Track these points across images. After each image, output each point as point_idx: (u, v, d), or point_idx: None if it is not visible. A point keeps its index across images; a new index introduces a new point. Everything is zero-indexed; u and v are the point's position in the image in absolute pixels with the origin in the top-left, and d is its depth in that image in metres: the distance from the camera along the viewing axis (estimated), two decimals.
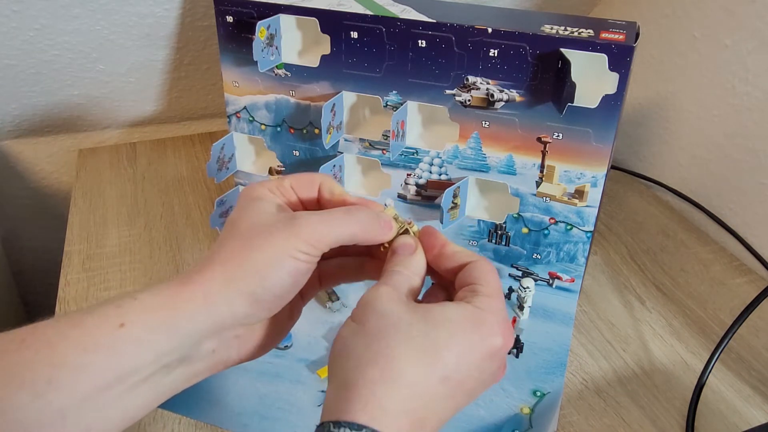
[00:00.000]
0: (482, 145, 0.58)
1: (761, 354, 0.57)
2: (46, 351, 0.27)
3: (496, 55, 0.54)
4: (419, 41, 0.55)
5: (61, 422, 0.27)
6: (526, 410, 0.51)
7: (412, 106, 0.60)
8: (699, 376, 0.53)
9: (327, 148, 0.61)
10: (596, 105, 0.52)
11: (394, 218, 0.36)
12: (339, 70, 0.59)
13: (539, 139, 0.56)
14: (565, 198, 0.57)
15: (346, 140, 0.63)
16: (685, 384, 0.54)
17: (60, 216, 0.91)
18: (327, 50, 0.59)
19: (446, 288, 0.37)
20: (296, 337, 0.56)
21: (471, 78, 0.55)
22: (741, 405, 0.52)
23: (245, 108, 0.65)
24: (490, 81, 0.55)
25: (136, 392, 0.29)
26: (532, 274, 0.62)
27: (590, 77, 0.52)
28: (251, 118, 0.65)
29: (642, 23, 0.54)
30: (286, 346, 0.55)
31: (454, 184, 0.59)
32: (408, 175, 0.62)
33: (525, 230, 0.60)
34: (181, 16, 0.67)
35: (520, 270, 0.62)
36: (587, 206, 0.57)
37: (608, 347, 0.57)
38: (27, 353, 0.27)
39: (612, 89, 0.51)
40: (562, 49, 0.51)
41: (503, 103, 0.55)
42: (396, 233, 0.36)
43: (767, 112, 0.65)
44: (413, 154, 0.61)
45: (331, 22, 0.57)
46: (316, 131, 0.63)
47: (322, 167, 0.60)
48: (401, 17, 0.55)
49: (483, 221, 0.61)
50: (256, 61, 0.57)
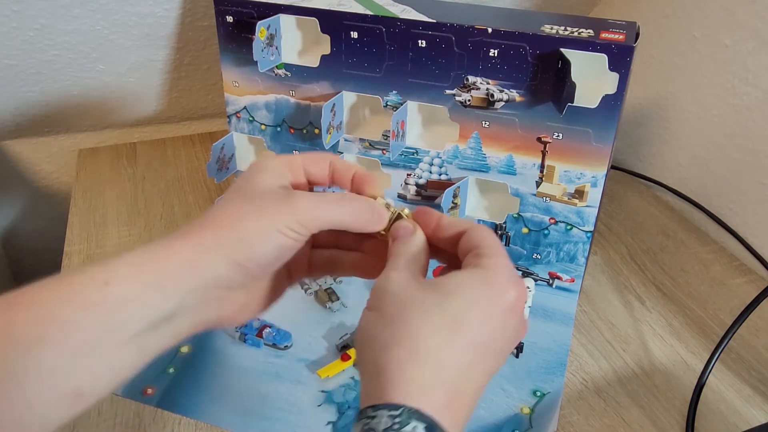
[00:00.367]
0: (482, 145, 0.58)
1: (761, 354, 0.57)
2: (37, 309, 0.28)
3: (496, 55, 0.54)
4: (419, 41, 0.55)
5: (51, 379, 0.28)
6: (526, 410, 0.51)
7: (412, 106, 0.60)
8: (699, 376, 0.53)
9: (327, 148, 0.61)
10: (596, 105, 0.52)
11: (386, 206, 0.37)
12: (339, 70, 0.59)
13: (539, 139, 0.56)
14: (565, 198, 0.57)
15: (346, 140, 0.63)
16: (685, 384, 0.54)
17: (60, 216, 0.91)
18: (327, 50, 0.59)
19: (454, 266, 0.37)
20: (296, 337, 0.56)
21: (471, 78, 0.55)
22: (741, 405, 0.52)
23: (245, 108, 0.65)
24: (490, 81, 0.55)
25: (124, 350, 0.30)
26: (532, 274, 0.62)
27: (590, 77, 0.52)
28: (251, 118, 0.65)
29: (642, 23, 0.54)
30: (286, 346, 0.55)
31: (454, 184, 0.59)
32: (408, 175, 0.62)
33: (525, 230, 0.60)
34: (181, 16, 0.67)
35: (520, 270, 0.62)
36: (587, 206, 0.57)
37: (608, 347, 0.57)
38: (20, 313, 0.28)
39: (612, 89, 0.51)
40: (562, 49, 0.51)
41: (503, 103, 0.55)
42: (390, 221, 0.37)
43: (767, 112, 0.65)
44: (413, 154, 0.61)
45: (331, 22, 0.57)
46: (316, 131, 0.63)
47: None
48: (401, 17, 0.55)
49: (483, 221, 0.61)
50: (256, 61, 0.57)
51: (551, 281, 0.61)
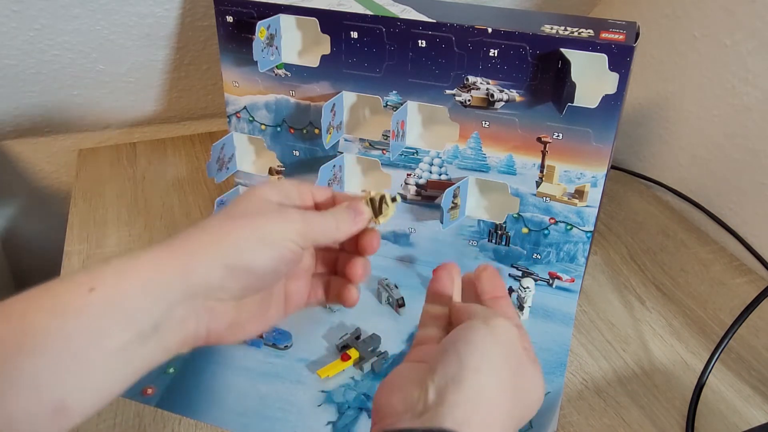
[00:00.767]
0: (482, 145, 0.58)
1: (761, 354, 0.57)
2: (18, 319, 0.27)
3: (496, 55, 0.54)
4: (419, 41, 0.55)
5: (34, 392, 0.26)
6: None
7: (412, 106, 0.60)
8: (699, 376, 0.53)
9: (327, 148, 0.61)
10: (596, 105, 0.52)
11: (370, 200, 0.38)
12: (339, 70, 0.59)
13: (539, 139, 0.56)
14: (565, 198, 0.57)
15: (346, 140, 0.63)
16: (685, 384, 0.54)
17: (60, 216, 0.91)
18: (327, 50, 0.59)
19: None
20: (296, 337, 0.56)
21: (471, 78, 0.55)
22: (741, 405, 0.52)
23: (245, 108, 0.65)
24: (490, 81, 0.55)
25: (111, 362, 0.29)
26: (532, 274, 0.62)
27: (590, 77, 0.52)
28: (251, 118, 0.65)
29: (642, 23, 0.54)
30: (286, 346, 0.55)
31: (454, 184, 0.59)
32: (408, 175, 0.62)
33: (525, 230, 0.60)
34: (181, 16, 0.67)
35: (520, 270, 0.62)
36: (587, 206, 0.57)
37: (608, 347, 0.57)
38: (0, 326, 0.27)
39: (612, 89, 0.51)
40: (562, 49, 0.51)
41: (503, 103, 0.55)
42: (374, 209, 0.38)
43: (767, 112, 0.65)
44: (413, 154, 0.61)
45: (331, 22, 0.57)
46: (316, 131, 0.63)
47: (322, 167, 0.60)
48: (401, 17, 0.55)
49: (483, 221, 0.61)
50: (256, 61, 0.57)
51: (551, 281, 0.61)
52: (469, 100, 0.56)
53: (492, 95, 0.55)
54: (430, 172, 0.61)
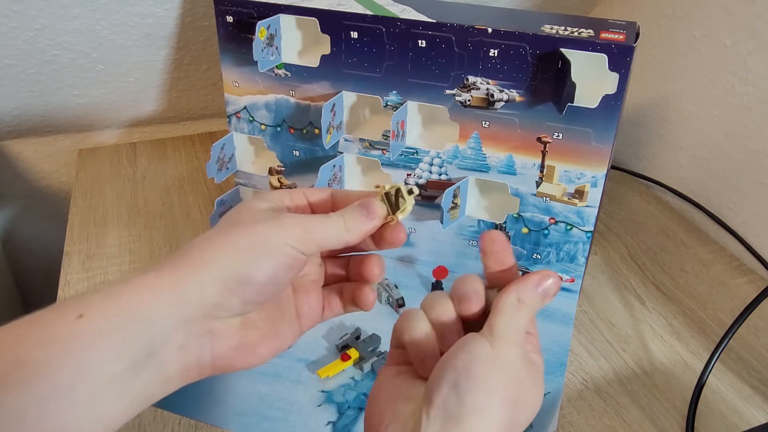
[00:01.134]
0: (482, 145, 0.58)
1: (761, 354, 0.57)
2: (6, 352, 0.26)
3: (496, 55, 0.54)
4: (419, 41, 0.55)
5: (19, 425, 0.25)
6: None
7: (412, 106, 0.60)
8: (699, 376, 0.53)
9: (327, 148, 0.61)
10: (596, 105, 0.52)
11: (384, 195, 0.35)
12: (339, 70, 0.59)
13: (539, 139, 0.56)
14: (565, 198, 0.57)
15: (346, 140, 0.63)
16: (685, 384, 0.54)
17: (60, 216, 0.91)
18: (327, 50, 0.59)
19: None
20: None
21: (471, 78, 0.55)
22: (741, 405, 0.52)
23: (245, 108, 0.65)
24: (490, 81, 0.55)
25: (104, 395, 0.27)
26: None
27: (590, 77, 0.52)
28: (251, 118, 0.65)
29: (642, 23, 0.54)
30: None
31: (454, 184, 0.59)
32: (408, 175, 0.62)
33: (525, 230, 0.60)
34: (181, 16, 0.67)
35: (520, 270, 0.62)
36: (587, 206, 0.57)
37: (608, 347, 0.57)
38: None
39: (612, 89, 0.51)
40: (562, 49, 0.51)
41: (503, 103, 0.55)
42: (388, 206, 0.35)
43: (767, 112, 0.65)
44: (413, 154, 0.61)
45: (331, 22, 0.57)
46: (316, 131, 0.63)
47: (322, 167, 0.60)
48: (401, 17, 0.55)
49: (483, 221, 0.61)
50: (256, 61, 0.57)
51: None
52: (469, 100, 0.56)
53: (492, 95, 0.55)
54: (430, 172, 0.61)
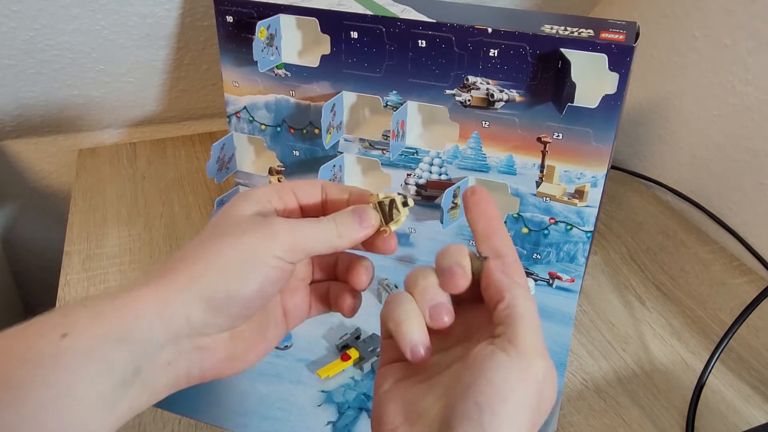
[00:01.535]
0: (482, 145, 0.58)
1: (761, 354, 0.57)
2: None
3: (496, 55, 0.54)
4: (419, 41, 0.55)
5: None
6: None
7: (412, 106, 0.60)
8: (699, 376, 0.53)
9: (327, 148, 0.61)
10: (596, 105, 0.52)
11: (378, 204, 0.33)
12: (339, 70, 0.59)
13: (539, 139, 0.56)
14: (565, 198, 0.57)
15: (346, 140, 0.63)
16: (685, 384, 0.54)
17: (60, 216, 0.91)
18: (327, 50, 0.59)
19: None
20: (296, 337, 0.56)
21: (471, 78, 0.55)
22: (741, 405, 0.52)
23: (245, 108, 0.65)
24: (490, 81, 0.55)
25: (91, 413, 0.26)
26: (532, 274, 0.62)
27: (590, 77, 0.52)
28: (251, 118, 0.65)
29: (642, 23, 0.54)
30: (286, 346, 0.55)
31: (454, 184, 0.59)
32: (408, 175, 0.62)
33: (525, 230, 0.60)
34: (181, 16, 0.67)
35: None
36: (587, 206, 0.57)
37: (608, 347, 0.57)
38: None
39: (612, 89, 0.51)
40: (562, 49, 0.51)
41: (503, 103, 0.55)
42: (382, 214, 0.33)
43: (767, 112, 0.65)
44: (413, 154, 0.61)
45: (331, 22, 0.57)
46: (316, 131, 0.63)
47: (322, 167, 0.60)
48: (401, 17, 0.55)
49: None
50: (256, 61, 0.57)
51: (551, 281, 0.61)
52: (469, 100, 0.56)
53: (492, 95, 0.55)
54: (430, 172, 0.61)
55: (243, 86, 0.64)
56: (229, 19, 0.60)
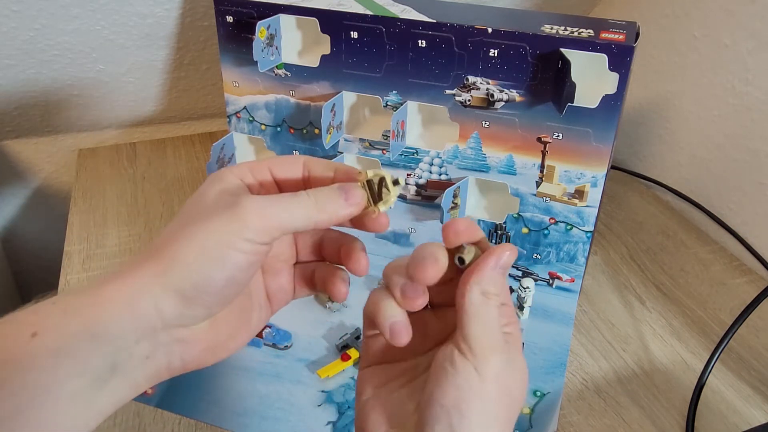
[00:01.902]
0: (482, 145, 0.58)
1: (761, 354, 0.57)
2: None
3: (496, 55, 0.54)
4: (419, 41, 0.55)
5: None
6: (526, 410, 0.51)
7: (412, 106, 0.60)
8: (699, 376, 0.53)
9: (327, 148, 0.61)
10: (596, 105, 0.52)
11: (366, 183, 0.31)
12: (339, 70, 0.59)
13: (539, 139, 0.56)
14: (565, 198, 0.57)
15: (346, 140, 0.63)
16: (685, 384, 0.54)
17: (60, 216, 0.91)
18: (327, 50, 0.59)
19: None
20: (296, 337, 0.56)
21: (471, 78, 0.55)
22: (741, 405, 0.52)
23: (245, 108, 0.65)
24: (490, 81, 0.55)
25: (67, 412, 0.26)
26: (532, 274, 0.62)
27: (590, 77, 0.52)
28: (251, 118, 0.65)
29: (642, 23, 0.54)
30: (286, 346, 0.55)
31: (454, 184, 0.59)
32: (408, 175, 0.62)
33: (525, 230, 0.60)
34: (181, 16, 0.67)
35: (520, 270, 0.62)
36: (587, 206, 0.57)
37: (608, 347, 0.57)
38: None
39: (612, 89, 0.51)
40: (562, 49, 0.51)
41: (503, 103, 0.55)
42: (370, 193, 0.31)
43: (767, 112, 0.65)
44: (413, 154, 0.61)
45: (331, 22, 0.57)
46: (316, 131, 0.63)
47: None
48: (401, 17, 0.55)
49: (483, 221, 0.61)
50: (256, 61, 0.57)
51: (551, 281, 0.61)
52: (469, 100, 0.56)
53: (492, 95, 0.55)
54: (430, 172, 0.61)
55: (243, 86, 0.64)
56: (229, 19, 0.60)
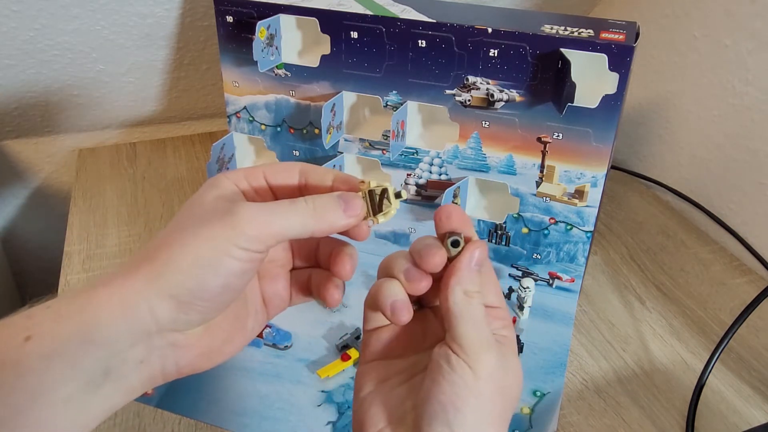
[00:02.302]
0: (482, 145, 0.58)
1: (761, 354, 0.57)
2: None
3: (496, 55, 0.54)
4: (419, 41, 0.55)
5: None
6: (526, 410, 0.51)
7: (412, 106, 0.60)
8: (699, 376, 0.53)
9: (327, 148, 0.61)
10: (596, 105, 0.52)
11: (368, 193, 0.31)
12: (339, 70, 0.59)
13: (539, 139, 0.56)
14: (565, 198, 0.57)
15: (346, 140, 0.63)
16: (685, 384, 0.54)
17: (60, 216, 0.91)
18: (327, 50, 0.59)
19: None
20: (296, 337, 0.56)
21: (471, 78, 0.55)
22: (741, 405, 0.52)
23: (245, 108, 0.65)
24: (490, 81, 0.55)
25: (60, 416, 0.26)
26: (532, 274, 0.62)
27: (590, 77, 0.52)
28: (251, 118, 0.65)
29: (642, 23, 0.54)
30: (286, 346, 0.55)
31: (454, 184, 0.59)
32: (408, 175, 0.62)
33: (525, 230, 0.60)
34: (181, 16, 0.67)
35: (520, 270, 0.62)
36: (587, 206, 0.57)
37: (608, 347, 0.57)
38: None
39: (612, 89, 0.51)
40: (562, 49, 0.51)
41: (503, 103, 0.55)
42: (369, 204, 0.31)
43: (767, 112, 0.65)
44: (413, 154, 0.61)
45: (331, 22, 0.57)
46: (316, 131, 0.63)
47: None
48: (401, 17, 0.55)
49: (483, 221, 0.61)
50: (256, 61, 0.57)
51: (551, 281, 0.61)
52: (469, 100, 0.56)
53: (492, 95, 0.55)
54: (430, 172, 0.61)
55: (243, 86, 0.64)
56: (229, 19, 0.60)
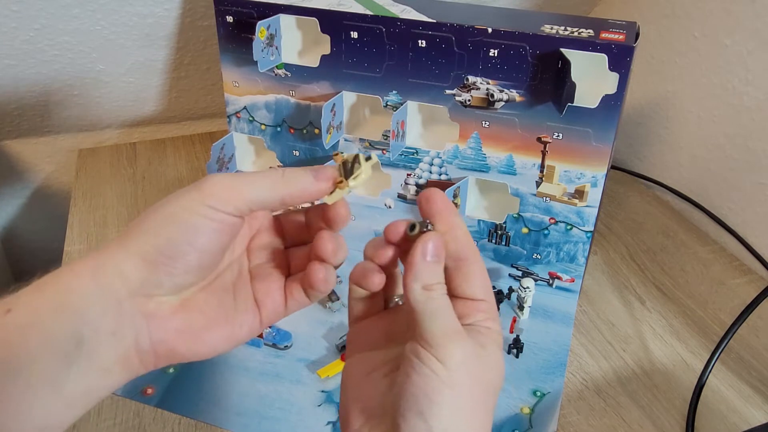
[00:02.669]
0: (482, 145, 0.58)
1: (761, 354, 0.57)
2: None
3: (496, 55, 0.54)
4: (419, 41, 0.55)
5: None
6: (526, 410, 0.51)
7: (412, 106, 0.60)
8: (699, 376, 0.53)
9: (327, 148, 0.61)
10: (596, 105, 0.52)
11: (342, 164, 0.31)
12: (339, 70, 0.59)
13: (539, 139, 0.56)
14: (565, 198, 0.57)
15: (346, 140, 0.63)
16: (685, 384, 0.54)
17: (60, 216, 0.91)
18: (327, 50, 0.59)
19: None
20: (296, 337, 0.56)
21: (471, 78, 0.55)
22: (741, 405, 0.52)
23: (245, 108, 0.65)
24: (490, 81, 0.55)
25: (38, 392, 0.26)
26: (532, 274, 0.62)
27: (590, 77, 0.52)
28: (251, 118, 0.65)
29: (642, 23, 0.54)
30: (286, 346, 0.55)
31: (454, 184, 0.59)
32: (408, 175, 0.62)
33: (525, 230, 0.60)
34: (181, 16, 0.67)
35: (520, 270, 0.62)
36: (587, 206, 0.57)
37: (608, 347, 0.57)
38: None
39: (612, 89, 0.51)
40: (562, 49, 0.51)
41: (503, 103, 0.55)
42: (342, 172, 0.31)
43: (767, 112, 0.65)
44: (413, 154, 0.61)
45: (331, 22, 0.57)
46: (316, 131, 0.63)
47: None
48: (401, 17, 0.55)
49: (483, 221, 0.61)
50: (256, 61, 0.57)
51: (551, 281, 0.61)
52: (469, 100, 0.56)
53: (492, 95, 0.55)
54: (430, 172, 0.61)
55: (243, 86, 0.64)
56: (229, 19, 0.60)
